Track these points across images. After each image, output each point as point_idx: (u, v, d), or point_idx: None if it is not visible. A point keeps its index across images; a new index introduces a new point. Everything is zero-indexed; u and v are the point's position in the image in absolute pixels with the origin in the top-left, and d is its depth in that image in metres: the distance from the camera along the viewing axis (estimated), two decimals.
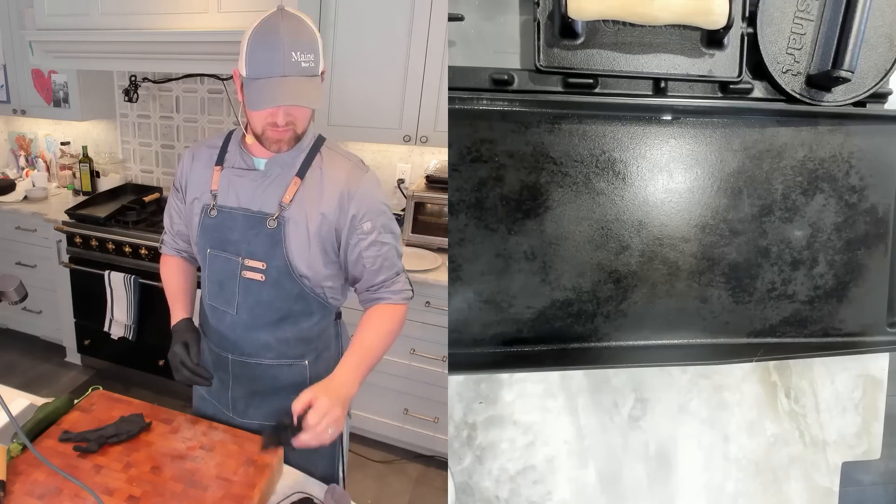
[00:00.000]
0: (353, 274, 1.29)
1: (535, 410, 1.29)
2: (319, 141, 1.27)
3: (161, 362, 2.77)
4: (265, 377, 1.33)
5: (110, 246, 2.70)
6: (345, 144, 2.78)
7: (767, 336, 1.29)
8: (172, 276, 1.42)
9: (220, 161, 1.29)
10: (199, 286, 1.41)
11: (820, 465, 1.39)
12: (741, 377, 1.35)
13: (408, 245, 2.51)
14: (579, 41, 1.16)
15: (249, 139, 1.23)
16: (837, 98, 1.24)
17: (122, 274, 2.65)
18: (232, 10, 2.26)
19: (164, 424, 1.25)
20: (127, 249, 2.67)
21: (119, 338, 2.77)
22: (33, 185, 3.10)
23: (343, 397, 1.13)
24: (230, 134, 1.32)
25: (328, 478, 1.35)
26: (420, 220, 2.49)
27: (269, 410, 1.34)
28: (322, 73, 1.15)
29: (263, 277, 1.23)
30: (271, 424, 1.16)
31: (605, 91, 1.20)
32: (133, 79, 3.00)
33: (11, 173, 3.38)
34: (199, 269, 1.43)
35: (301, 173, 1.22)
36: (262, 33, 1.10)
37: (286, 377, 1.33)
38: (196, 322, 1.39)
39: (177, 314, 1.35)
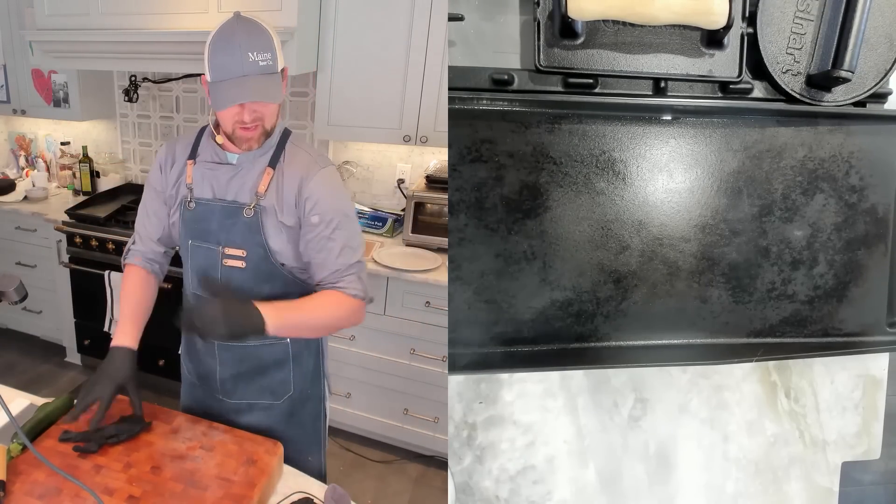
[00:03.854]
0: (305, 260, 1.31)
1: (535, 410, 1.29)
2: (286, 135, 1.31)
3: (161, 362, 2.77)
4: (250, 358, 1.38)
5: (110, 246, 2.70)
6: (345, 144, 2.79)
7: (767, 336, 1.29)
8: (136, 290, 1.38)
9: (192, 155, 1.33)
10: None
11: (820, 465, 1.39)
12: (741, 377, 1.35)
13: (408, 245, 2.51)
14: (579, 41, 1.16)
15: (220, 139, 1.29)
16: (837, 98, 1.24)
17: (122, 274, 2.65)
18: (232, 11, 2.26)
19: (164, 424, 1.25)
20: None
21: None
22: (33, 185, 3.10)
23: (243, 323, 1.13)
24: (202, 129, 1.36)
25: (316, 466, 1.43)
26: (420, 220, 2.49)
27: (256, 388, 1.40)
28: (283, 71, 1.21)
29: (244, 264, 1.28)
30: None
31: (605, 91, 1.20)
32: (133, 79, 3.00)
33: (11, 173, 3.38)
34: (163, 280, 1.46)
35: (273, 164, 1.27)
36: (219, 39, 1.17)
37: (269, 355, 1.38)
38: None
39: (124, 336, 1.28)
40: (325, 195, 1.26)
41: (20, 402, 1.32)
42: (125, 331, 1.30)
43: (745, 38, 1.21)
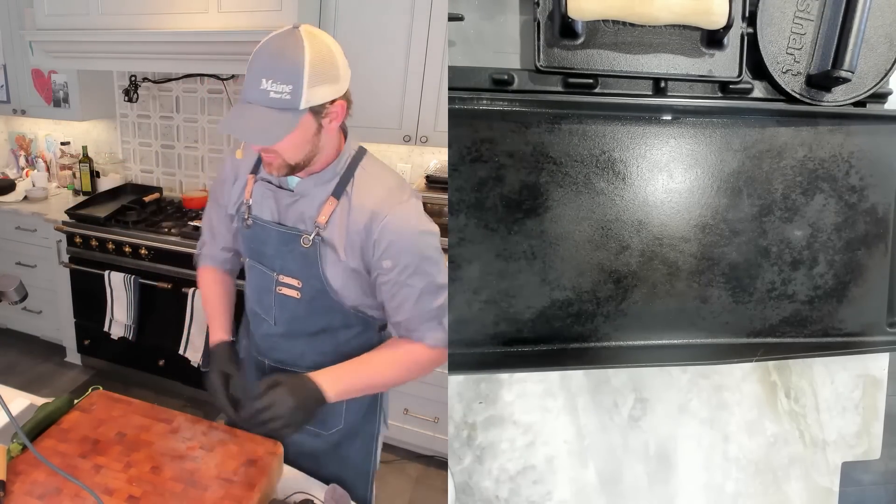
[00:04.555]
0: (378, 300, 1.20)
1: (535, 410, 1.29)
2: (357, 159, 1.16)
3: (161, 362, 2.77)
4: None
5: (110, 246, 2.70)
6: None
7: (767, 336, 1.29)
8: (212, 289, 1.38)
9: (255, 169, 1.24)
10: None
11: (820, 465, 1.39)
12: (741, 377, 1.35)
13: None
14: (579, 41, 1.16)
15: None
16: (837, 98, 1.24)
17: (122, 274, 2.65)
18: (232, 10, 2.26)
19: (164, 424, 1.24)
20: (127, 249, 2.67)
21: (119, 338, 2.77)
22: (33, 185, 3.10)
23: (309, 403, 1.10)
24: None
25: (358, 487, 1.34)
26: None
27: None
28: (326, 106, 1.04)
29: (299, 295, 1.19)
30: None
31: (605, 91, 1.20)
32: (133, 79, 3.00)
33: (11, 173, 3.38)
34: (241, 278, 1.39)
35: (337, 193, 1.13)
36: (256, 52, 1.03)
37: None
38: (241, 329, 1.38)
39: (215, 333, 1.30)
40: (398, 238, 1.09)
41: (20, 402, 1.32)
42: (215, 327, 1.31)
43: (745, 38, 1.21)
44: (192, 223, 2.68)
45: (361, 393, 1.23)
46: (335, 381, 1.13)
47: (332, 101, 1.06)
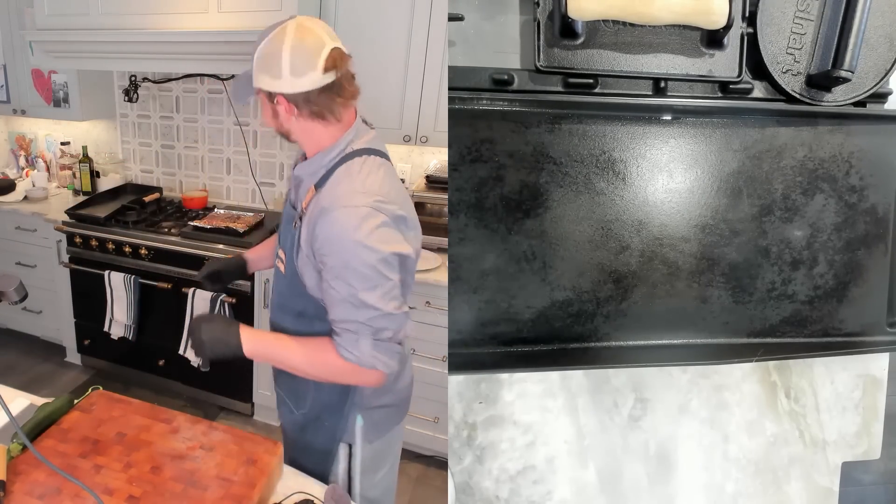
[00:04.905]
0: None
1: (535, 410, 1.29)
2: (350, 156, 1.18)
3: (161, 362, 2.77)
4: None
5: (110, 246, 2.70)
6: None
7: (767, 336, 1.29)
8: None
9: None
10: None
11: (820, 465, 1.39)
12: (741, 377, 1.35)
13: None
14: (579, 41, 1.17)
15: None
16: (837, 98, 1.24)
17: (122, 274, 2.65)
18: (232, 10, 2.26)
19: (164, 424, 1.25)
20: (127, 249, 2.67)
21: (119, 338, 2.77)
22: (33, 185, 3.10)
23: (218, 345, 1.20)
24: None
25: (322, 477, 1.34)
26: (420, 220, 2.48)
27: (288, 384, 1.32)
28: (273, 96, 1.15)
29: (284, 271, 1.27)
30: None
31: (605, 91, 1.20)
32: (133, 79, 3.00)
33: (11, 173, 3.38)
34: None
35: (318, 185, 1.18)
36: None
37: None
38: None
39: (250, 251, 1.59)
40: (331, 237, 1.12)
41: (20, 402, 1.32)
42: (254, 247, 1.59)
43: (745, 38, 1.21)
44: (192, 223, 2.67)
45: (271, 363, 1.30)
46: (253, 341, 1.22)
47: (275, 95, 1.16)
